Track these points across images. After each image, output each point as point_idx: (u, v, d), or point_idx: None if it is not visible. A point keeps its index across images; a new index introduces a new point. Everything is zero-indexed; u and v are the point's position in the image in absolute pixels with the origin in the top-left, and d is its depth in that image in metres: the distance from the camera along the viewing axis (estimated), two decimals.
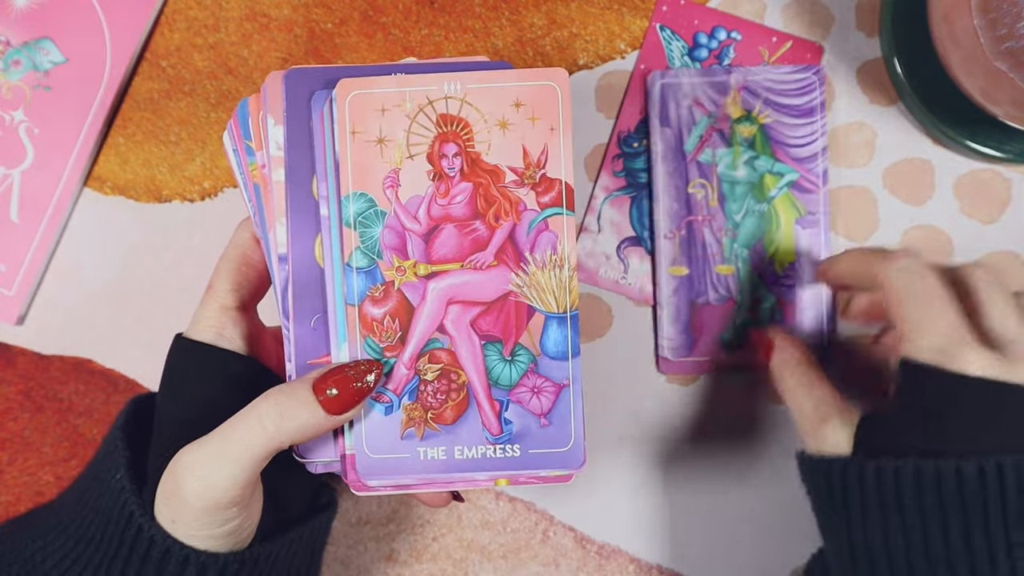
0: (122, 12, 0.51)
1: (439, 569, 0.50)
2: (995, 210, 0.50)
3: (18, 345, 0.52)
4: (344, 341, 0.36)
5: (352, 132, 0.36)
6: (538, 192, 0.36)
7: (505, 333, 0.37)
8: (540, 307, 0.37)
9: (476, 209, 0.36)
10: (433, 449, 0.37)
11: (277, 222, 0.36)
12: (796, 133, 0.49)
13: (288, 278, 0.36)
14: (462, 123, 0.36)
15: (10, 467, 0.51)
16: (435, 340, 0.36)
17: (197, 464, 0.33)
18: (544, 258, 0.36)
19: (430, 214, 0.36)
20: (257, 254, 0.39)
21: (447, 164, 0.36)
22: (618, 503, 0.50)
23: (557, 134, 0.36)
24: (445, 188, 0.36)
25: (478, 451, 0.37)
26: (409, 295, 0.36)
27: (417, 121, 0.36)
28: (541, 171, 0.36)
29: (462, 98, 0.36)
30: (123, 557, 0.34)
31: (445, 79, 0.36)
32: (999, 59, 0.40)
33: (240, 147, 0.37)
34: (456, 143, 0.36)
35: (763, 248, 0.49)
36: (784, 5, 0.51)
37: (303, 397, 0.33)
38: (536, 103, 0.36)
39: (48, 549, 0.36)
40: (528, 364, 0.37)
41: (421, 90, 0.36)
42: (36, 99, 0.51)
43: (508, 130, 0.36)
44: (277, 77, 0.36)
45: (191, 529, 0.34)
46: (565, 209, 0.36)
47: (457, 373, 0.37)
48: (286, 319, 0.36)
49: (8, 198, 0.51)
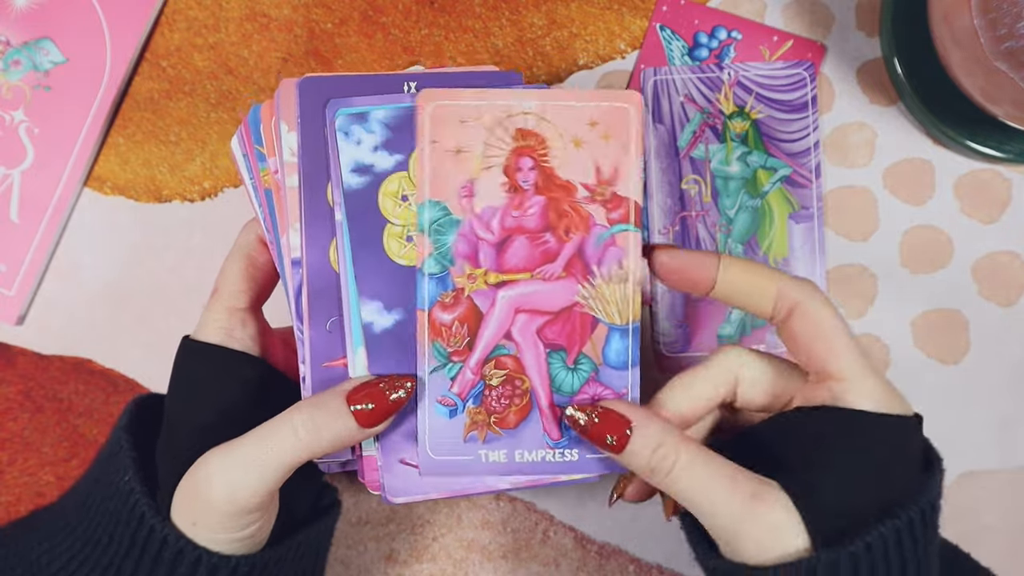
0: (122, 12, 0.51)
1: (439, 569, 0.50)
2: (995, 210, 0.50)
3: (18, 345, 0.52)
4: (360, 344, 0.36)
5: (432, 141, 0.36)
6: (608, 208, 0.37)
7: (569, 342, 0.37)
8: (604, 319, 0.37)
9: (548, 222, 0.37)
10: (495, 452, 0.37)
11: (290, 227, 0.37)
12: (788, 128, 0.50)
13: (302, 282, 0.36)
14: (538, 138, 0.37)
15: (10, 467, 0.51)
16: (501, 347, 0.37)
17: (227, 469, 0.33)
18: (610, 272, 0.37)
19: (503, 225, 0.37)
20: (263, 256, 0.39)
21: (522, 177, 0.37)
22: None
23: (629, 154, 0.37)
24: (519, 200, 0.37)
25: (538, 455, 0.37)
26: (479, 302, 0.37)
27: (495, 134, 0.37)
28: (612, 188, 0.37)
29: (539, 114, 0.37)
30: (134, 558, 0.34)
31: (523, 95, 0.37)
32: (999, 59, 0.40)
33: (251, 152, 0.38)
34: (532, 157, 0.37)
35: (757, 243, 0.49)
36: (784, 5, 0.51)
37: (337, 409, 0.34)
38: (610, 123, 0.37)
39: (54, 551, 0.36)
40: (590, 373, 0.37)
41: (500, 104, 0.37)
42: (36, 99, 0.51)
43: (582, 148, 0.37)
44: (290, 84, 0.36)
45: (213, 532, 0.34)
46: (633, 226, 0.37)
47: (521, 379, 0.37)
48: (300, 322, 0.37)
49: (8, 198, 0.51)
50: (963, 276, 0.50)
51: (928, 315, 0.50)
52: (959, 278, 0.50)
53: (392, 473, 0.36)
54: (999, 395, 0.50)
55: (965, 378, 0.50)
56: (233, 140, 0.38)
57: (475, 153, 0.37)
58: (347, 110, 0.36)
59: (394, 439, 0.36)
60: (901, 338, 0.50)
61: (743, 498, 0.32)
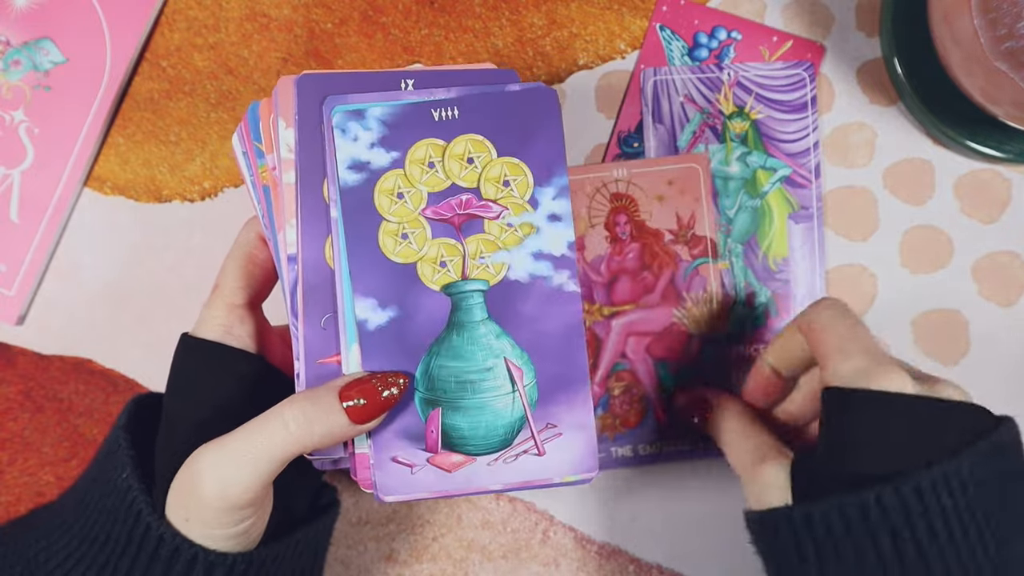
0: (122, 12, 0.51)
1: (439, 569, 0.50)
2: (995, 210, 0.50)
3: (18, 345, 0.52)
4: (354, 341, 0.36)
5: None
6: (689, 247, 0.48)
7: (671, 354, 0.48)
8: (696, 333, 0.48)
9: (644, 262, 0.48)
10: (622, 448, 0.48)
11: (287, 223, 0.37)
12: (788, 128, 0.50)
13: (297, 278, 0.37)
14: (630, 199, 0.48)
15: (10, 467, 0.51)
16: (619, 364, 0.48)
17: (218, 464, 0.33)
18: (697, 296, 0.48)
19: (609, 268, 0.48)
20: (263, 253, 0.39)
21: (620, 230, 0.48)
22: (618, 503, 0.50)
23: (701, 203, 0.48)
24: (620, 248, 0.48)
25: (655, 446, 0.48)
26: (598, 331, 0.48)
27: (595, 200, 0.48)
28: (691, 231, 0.48)
29: (628, 180, 0.48)
30: (130, 555, 0.34)
31: (614, 166, 0.48)
32: (999, 59, 0.40)
33: (250, 149, 0.38)
34: (626, 214, 0.48)
35: (757, 243, 0.49)
36: (784, 5, 0.51)
37: (329, 404, 0.34)
38: (683, 181, 0.48)
39: (52, 549, 0.36)
40: (689, 376, 0.49)
41: (597, 176, 0.48)
42: (36, 99, 0.51)
43: (664, 202, 0.48)
44: (288, 81, 0.37)
45: (206, 528, 0.34)
46: (711, 258, 0.48)
47: (637, 388, 0.48)
48: (295, 319, 0.37)
49: (8, 198, 0.51)
50: (963, 276, 0.50)
51: (928, 315, 0.50)
52: (959, 278, 0.50)
53: (384, 471, 0.36)
54: (999, 395, 0.50)
55: (965, 378, 0.50)
56: (234, 137, 0.38)
57: (581, 216, 0.48)
58: (344, 107, 0.36)
59: (386, 437, 0.36)
60: (901, 338, 0.50)
61: (754, 461, 0.39)
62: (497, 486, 0.37)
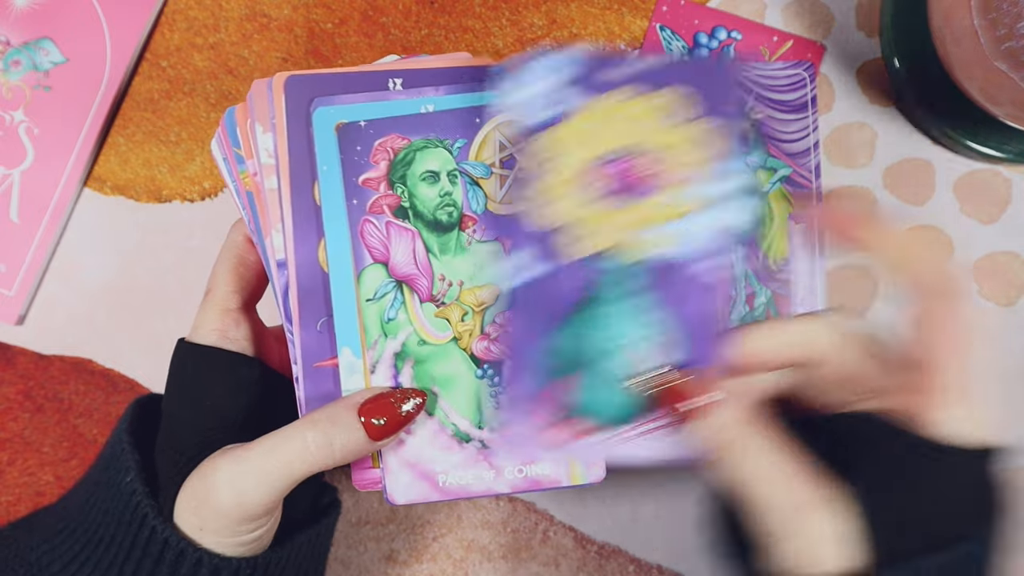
0: (122, 12, 0.51)
1: (439, 569, 0.50)
2: (995, 210, 0.50)
3: (18, 345, 0.52)
4: (346, 344, 0.36)
5: None
6: None
7: None
8: None
9: None
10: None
11: (273, 228, 0.36)
12: (788, 128, 0.50)
13: (288, 283, 0.36)
14: None
15: (10, 467, 0.51)
16: None
17: (236, 479, 0.33)
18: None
19: None
20: (253, 255, 0.39)
21: None
22: (618, 503, 0.50)
23: None
24: None
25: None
26: None
27: None
28: None
29: None
30: (135, 559, 0.34)
31: None
32: (999, 59, 0.40)
33: (230, 155, 0.37)
34: None
35: (757, 243, 0.49)
36: (784, 5, 0.51)
37: (349, 423, 0.34)
38: None
39: (55, 552, 0.36)
40: None
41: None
42: (36, 99, 0.51)
43: None
44: (262, 84, 0.37)
45: (220, 536, 0.34)
46: None
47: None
48: (289, 323, 0.37)
49: (8, 198, 0.51)
50: (963, 276, 0.50)
51: None
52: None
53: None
54: (999, 395, 0.50)
55: None
56: (212, 143, 0.38)
57: None
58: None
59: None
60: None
61: (795, 504, 0.29)
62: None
